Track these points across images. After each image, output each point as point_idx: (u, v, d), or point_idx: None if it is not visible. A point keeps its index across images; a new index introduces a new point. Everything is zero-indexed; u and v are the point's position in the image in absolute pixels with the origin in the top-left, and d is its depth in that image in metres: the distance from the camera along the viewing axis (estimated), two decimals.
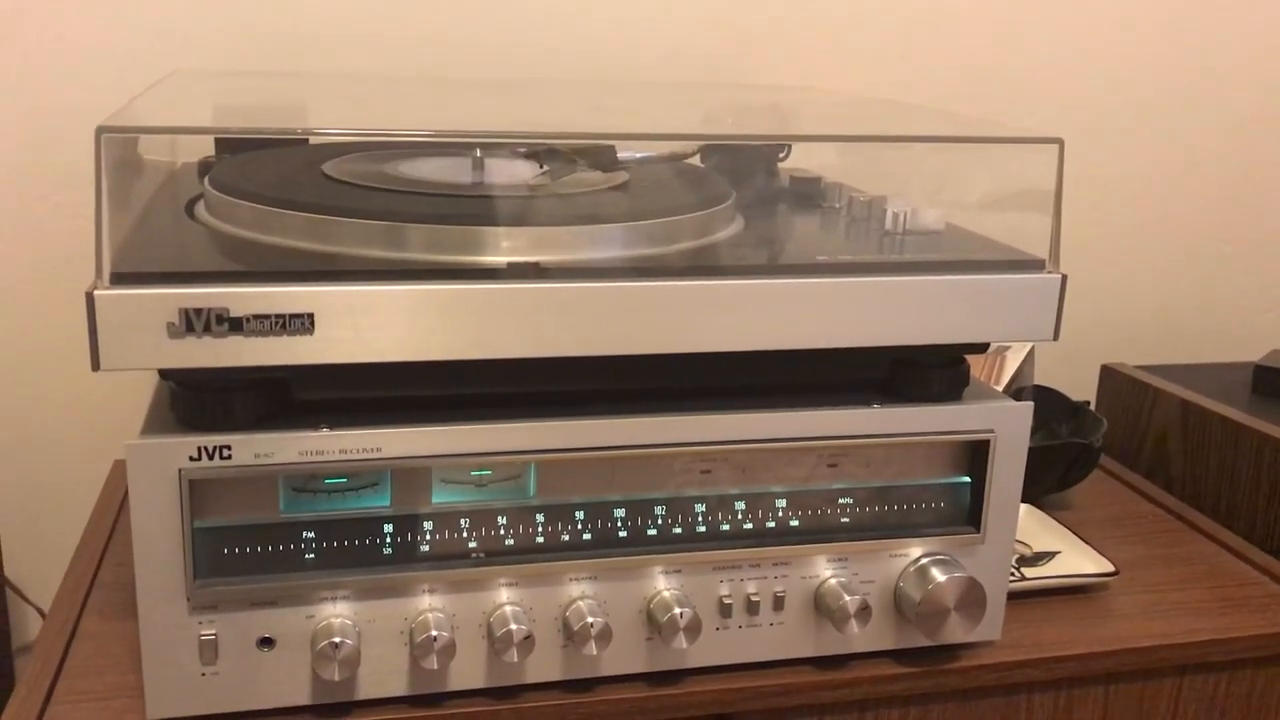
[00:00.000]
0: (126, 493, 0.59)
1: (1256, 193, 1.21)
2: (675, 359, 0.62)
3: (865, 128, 0.80)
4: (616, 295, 0.60)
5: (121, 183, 0.65)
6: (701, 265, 0.65)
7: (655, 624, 0.65)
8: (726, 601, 0.67)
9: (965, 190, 0.76)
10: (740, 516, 0.67)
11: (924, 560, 0.69)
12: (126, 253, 0.59)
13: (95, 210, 0.54)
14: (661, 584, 0.65)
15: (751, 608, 0.67)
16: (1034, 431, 0.70)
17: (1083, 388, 1.10)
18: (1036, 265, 0.67)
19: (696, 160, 0.87)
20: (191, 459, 0.58)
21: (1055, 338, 0.67)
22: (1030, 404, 0.69)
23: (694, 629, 0.64)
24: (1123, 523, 0.91)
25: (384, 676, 0.63)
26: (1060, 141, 0.66)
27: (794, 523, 0.67)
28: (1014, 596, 0.75)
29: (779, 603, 0.67)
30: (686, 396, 0.66)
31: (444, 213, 0.64)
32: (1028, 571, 0.80)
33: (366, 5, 0.97)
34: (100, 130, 0.55)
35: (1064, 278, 0.66)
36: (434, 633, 0.61)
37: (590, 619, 0.63)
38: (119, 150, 0.61)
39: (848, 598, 0.66)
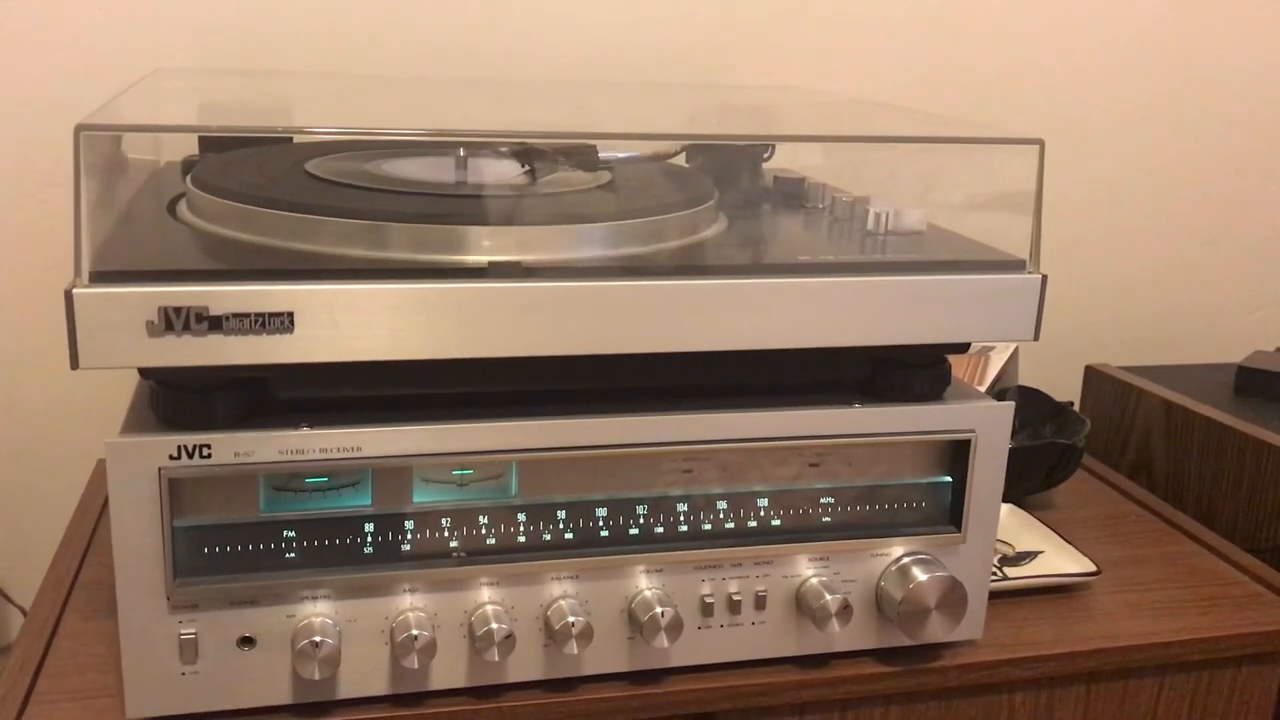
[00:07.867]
0: None
1: (1240, 193, 1.22)
2: (657, 358, 0.62)
3: (848, 128, 0.80)
4: (597, 295, 0.60)
5: (103, 181, 0.65)
6: (683, 265, 0.65)
7: (637, 623, 0.65)
8: (708, 601, 0.67)
9: (948, 191, 0.76)
10: (722, 516, 0.67)
11: (905, 559, 0.69)
12: (107, 251, 0.59)
13: (74, 209, 0.54)
14: (643, 583, 0.66)
15: (733, 607, 0.67)
16: (1018, 431, 0.70)
17: (1067, 388, 1.10)
18: (1017, 266, 0.67)
19: (681, 160, 0.87)
20: (171, 458, 0.58)
21: (1035, 338, 0.67)
22: (1011, 404, 0.69)
23: (675, 628, 0.64)
24: (1105, 523, 0.91)
25: (365, 676, 0.63)
26: (1041, 142, 0.66)
27: (775, 522, 0.68)
28: (996, 596, 0.75)
29: (760, 602, 0.67)
30: (668, 396, 0.66)
31: (426, 212, 0.64)
32: (1010, 571, 0.80)
33: (350, 4, 0.97)
34: (79, 128, 0.55)
35: (1044, 278, 0.67)
36: (415, 632, 0.61)
37: (571, 618, 0.63)
38: (100, 149, 0.61)
39: (829, 597, 0.66)
